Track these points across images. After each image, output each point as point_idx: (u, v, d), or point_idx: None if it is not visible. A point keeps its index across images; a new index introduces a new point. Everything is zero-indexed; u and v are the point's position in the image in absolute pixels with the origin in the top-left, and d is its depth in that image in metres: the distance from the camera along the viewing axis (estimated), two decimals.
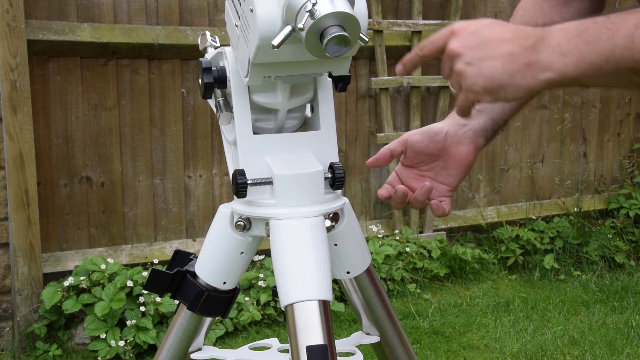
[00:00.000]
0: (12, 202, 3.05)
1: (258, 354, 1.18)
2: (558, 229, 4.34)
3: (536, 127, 4.49)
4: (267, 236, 1.01)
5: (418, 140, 1.13)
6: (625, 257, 4.28)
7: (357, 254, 1.10)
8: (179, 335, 1.13)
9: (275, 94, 1.01)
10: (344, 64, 0.99)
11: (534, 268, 4.13)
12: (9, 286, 3.15)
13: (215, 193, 3.65)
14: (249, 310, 3.27)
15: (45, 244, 3.25)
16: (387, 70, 3.93)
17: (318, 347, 0.91)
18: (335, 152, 1.06)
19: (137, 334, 2.99)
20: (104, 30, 3.26)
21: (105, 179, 3.39)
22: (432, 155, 1.13)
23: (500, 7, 4.27)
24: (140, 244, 3.47)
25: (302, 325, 0.93)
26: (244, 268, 1.09)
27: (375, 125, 4.00)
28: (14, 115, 3.01)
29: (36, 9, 3.16)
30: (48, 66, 3.22)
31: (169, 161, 3.51)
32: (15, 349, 3.12)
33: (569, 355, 3.08)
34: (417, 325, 3.38)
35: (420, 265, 3.82)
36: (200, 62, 1.02)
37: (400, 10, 4.02)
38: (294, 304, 0.94)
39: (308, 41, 0.86)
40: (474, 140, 1.13)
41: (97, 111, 3.34)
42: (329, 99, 1.05)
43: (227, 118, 1.02)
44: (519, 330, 3.35)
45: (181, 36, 3.42)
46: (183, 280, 1.10)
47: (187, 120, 3.53)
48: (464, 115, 0.95)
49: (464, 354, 3.12)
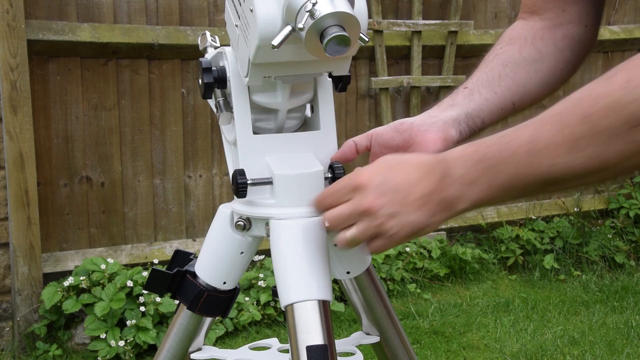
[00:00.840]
0: (12, 202, 3.05)
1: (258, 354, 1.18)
2: (558, 229, 4.34)
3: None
4: (267, 236, 1.01)
5: (383, 132, 1.07)
6: (625, 257, 4.27)
7: (357, 254, 1.10)
8: (179, 335, 1.13)
9: (275, 94, 1.01)
10: (344, 64, 0.99)
11: (534, 268, 4.13)
12: (9, 286, 3.15)
13: (215, 193, 3.65)
14: (249, 310, 3.27)
15: (45, 244, 3.25)
16: (387, 70, 3.93)
17: (318, 347, 0.91)
18: (336, 152, 1.06)
19: (137, 334, 2.99)
20: (104, 30, 3.26)
21: (105, 179, 3.39)
22: (399, 147, 1.06)
23: (500, 7, 4.27)
24: (140, 244, 3.47)
25: (302, 325, 0.93)
26: (244, 268, 1.09)
27: (375, 125, 3.99)
28: (14, 115, 3.01)
29: (36, 9, 3.16)
30: (48, 66, 3.22)
31: (169, 161, 3.51)
32: (15, 349, 3.12)
33: (569, 355, 3.08)
34: (417, 325, 3.38)
35: (420, 265, 3.82)
36: (200, 62, 1.02)
37: (400, 10, 4.02)
38: (294, 304, 0.94)
39: (308, 41, 0.86)
40: (443, 129, 1.05)
41: (97, 111, 3.34)
42: (329, 99, 1.05)
43: (227, 118, 1.02)
44: (519, 330, 3.35)
45: (181, 36, 3.42)
46: (183, 280, 1.10)
47: (187, 120, 3.54)
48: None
49: (464, 354, 3.12)
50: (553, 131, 0.79)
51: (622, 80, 0.74)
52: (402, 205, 0.85)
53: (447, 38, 4.06)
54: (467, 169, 0.84)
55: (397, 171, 0.86)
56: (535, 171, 0.80)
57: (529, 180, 0.81)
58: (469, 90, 1.10)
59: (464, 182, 0.84)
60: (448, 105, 1.09)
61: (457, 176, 0.84)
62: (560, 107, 0.80)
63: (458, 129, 1.07)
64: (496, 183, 0.83)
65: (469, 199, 0.84)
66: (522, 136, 0.81)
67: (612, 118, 0.74)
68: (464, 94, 1.10)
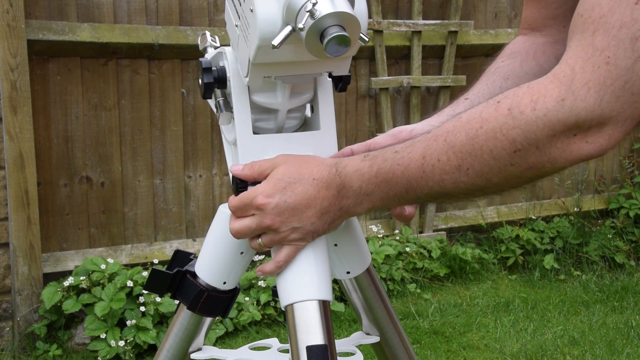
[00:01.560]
0: (12, 202, 3.05)
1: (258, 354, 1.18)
2: (558, 229, 4.34)
3: None
4: None
5: (382, 142, 1.09)
6: (625, 257, 4.28)
7: (357, 254, 1.10)
8: (179, 335, 1.13)
9: (275, 94, 1.01)
10: (344, 64, 0.99)
11: (534, 268, 4.13)
12: (9, 286, 3.15)
13: (215, 193, 3.65)
14: (249, 310, 3.27)
15: (45, 244, 3.25)
16: (387, 70, 3.93)
17: (318, 347, 0.91)
18: (335, 152, 1.05)
19: (137, 334, 2.99)
20: (104, 30, 3.26)
21: (105, 179, 3.39)
22: None
23: (500, 7, 4.27)
24: (140, 244, 3.47)
25: (302, 326, 0.93)
26: (244, 268, 1.09)
27: (375, 125, 4.00)
28: (14, 115, 3.01)
29: (36, 9, 3.16)
30: (48, 66, 3.22)
31: (169, 161, 3.51)
32: (15, 349, 3.12)
33: (569, 355, 3.08)
34: (417, 325, 3.38)
35: (420, 265, 3.82)
36: (200, 62, 1.02)
37: (400, 10, 4.02)
38: (294, 304, 0.94)
39: (308, 41, 0.86)
40: None
41: (97, 111, 3.34)
42: (329, 99, 1.05)
43: (227, 118, 1.02)
44: (519, 330, 3.35)
45: (181, 36, 3.42)
46: (183, 280, 1.10)
47: (187, 120, 3.54)
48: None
49: (464, 354, 3.12)
50: (442, 149, 0.84)
51: (507, 107, 0.79)
52: (301, 219, 0.91)
53: (447, 38, 4.06)
54: (363, 182, 0.90)
55: (293, 190, 0.91)
56: (426, 185, 0.86)
57: (421, 192, 0.88)
58: (469, 101, 1.12)
59: (360, 193, 0.91)
60: (448, 115, 1.10)
61: (353, 189, 0.91)
62: (451, 125, 0.85)
63: None
64: (390, 194, 0.89)
65: (365, 207, 0.92)
66: (414, 152, 0.87)
67: (496, 142, 0.80)
68: (465, 104, 1.11)
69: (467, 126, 0.82)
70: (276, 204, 0.91)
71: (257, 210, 0.93)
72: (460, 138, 0.83)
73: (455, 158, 0.83)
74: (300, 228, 0.92)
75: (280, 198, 0.91)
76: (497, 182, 0.83)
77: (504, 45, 1.21)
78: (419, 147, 0.86)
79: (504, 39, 4.13)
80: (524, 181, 0.83)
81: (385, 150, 0.90)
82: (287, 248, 0.94)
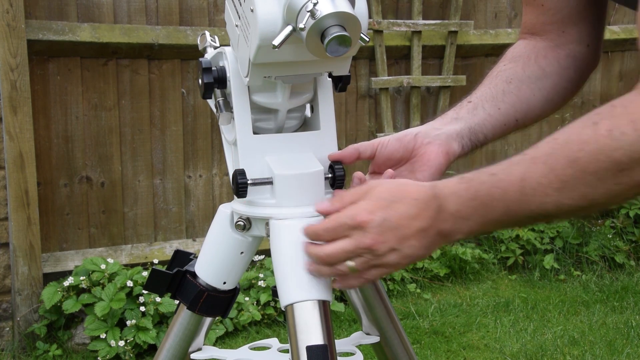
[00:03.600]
0: (12, 202, 3.05)
1: (258, 354, 1.18)
2: (558, 229, 4.34)
3: (536, 127, 4.49)
4: (267, 236, 1.01)
5: (387, 144, 1.08)
6: (625, 257, 4.27)
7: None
8: (179, 335, 1.13)
9: (275, 94, 1.01)
10: (344, 64, 0.99)
11: (534, 268, 4.13)
12: (9, 286, 3.15)
13: (215, 193, 3.65)
14: (249, 310, 3.27)
15: (45, 244, 3.25)
16: (387, 70, 3.93)
17: (318, 347, 0.91)
18: (335, 152, 1.05)
19: (137, 334, 2.99)
20: (104, 30, 3.26)
21: (105, 179, 3.39)
22: (401, 159, 1.08)
23: (500, 7, 4.27)
24: (140, 244, 3.47)
25: (302, 325, 0.93)
26: (244, 268, 1.09)
27: (375, 125, 4.00)
28: (14, 115, 3.01)
29: (36, 9, 3.16)
30: (48, 66, 3.22)
31: (169, 161, 3.51)
32: (15, 349, 3.12)
33: (569, 355, 3.08)
34: (417, 325, 3.38)
35: (420, 265, 3.82)
36: (200, 62, 1.02)
37: (400, 10, 4.02)
38: (294, 304, 0.94)
39: (309, 41, 0.86)
40: (446, 143, 1.07)
41: (97, 111, 3.34)
42: (328, 99, 1.05)
43: (227, 118, 1.02)
44: (519, 330, 3.35)
45: (181, 36, 3.42)
46: (183, 280, 1.10)
47: (187, 120, 3.54)
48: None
49: (464, 354, 3.12)
50: (543, 172, 0.83)
51: (607, 128, 0.79)
52: (401, 240, 0.88)
53: (447, 38, 4.06)
54: (460, 205, 0.88)
55: (396, 209, 0.88)
56: (526, 208, 0.85)
57: (520, 215, 0.87)
58: (472, 104, 1.12)
59: (458, 217, 0.88)
60: (452, 118, 1.10)
61: (451, 212, 0.88)
62: (549, 148, 0.84)
63: (461, 143, 1.09)
64: (488, 218, 0.88)
65: (463, 231, 0.89)
66: (512, 175, 0.85)
67: (599, 164, 0.80)
68: (468, 108, 1.11)
69: (566, 148, 0.82)
70: (379, 222, 0.87)
71: (355, 230, 0.88)
72: (561, 161, 0.82)
73: (557, 181, 0.83)
74: (398, 250, 0.88)
75: (386, 214, 0.88)
76: (602, 202, 0.83)
77: (504, 45, 1.21)
78: (517, 170, 0.86)
79: (504, 39, 4.13)
80: (629, 197, 0.83)
81: (481, 172, 0.88)
82: (377, 270, 0.91)
